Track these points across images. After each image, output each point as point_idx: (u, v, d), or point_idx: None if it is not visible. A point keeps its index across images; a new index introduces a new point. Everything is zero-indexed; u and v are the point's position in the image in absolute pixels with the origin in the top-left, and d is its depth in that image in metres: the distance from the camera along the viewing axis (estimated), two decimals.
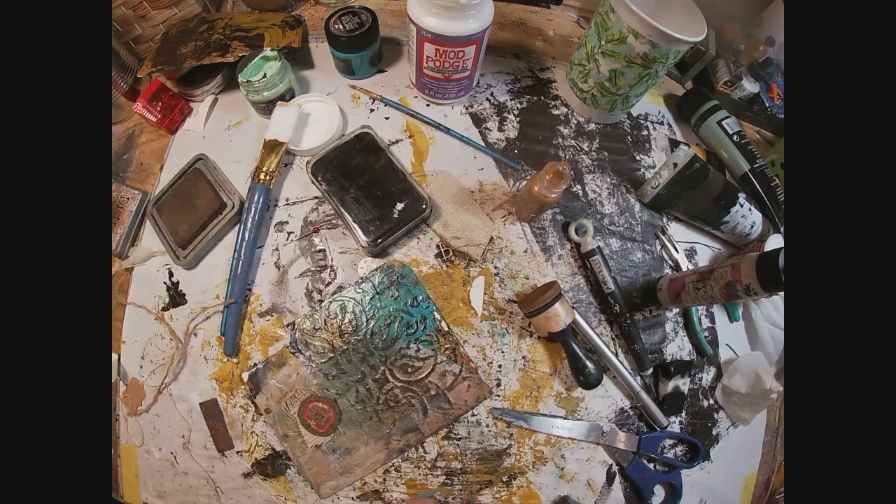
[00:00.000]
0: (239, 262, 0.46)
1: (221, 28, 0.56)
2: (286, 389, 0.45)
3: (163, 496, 0.45)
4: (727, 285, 0.41)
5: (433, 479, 0.45)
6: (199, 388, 0.46)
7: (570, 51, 0.60)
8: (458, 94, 0.54)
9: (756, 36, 0.59)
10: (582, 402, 0.47)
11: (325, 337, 0.46)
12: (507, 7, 0.65)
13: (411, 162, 0.53)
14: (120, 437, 0.46)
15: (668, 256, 0.53)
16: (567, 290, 0.50)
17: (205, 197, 0.49)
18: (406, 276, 0.48)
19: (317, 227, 0.50)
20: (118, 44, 0.54)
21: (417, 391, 0.45)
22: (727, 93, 0.60)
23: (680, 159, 0.48)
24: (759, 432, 0.51)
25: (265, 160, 0.49)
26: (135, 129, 0.56)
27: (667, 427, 0.47)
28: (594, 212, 0.53)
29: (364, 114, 0.55)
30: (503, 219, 0.51)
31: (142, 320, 0.48)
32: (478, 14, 0.44)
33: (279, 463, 0.45)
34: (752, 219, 0.51)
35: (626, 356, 0.49)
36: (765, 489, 0.50)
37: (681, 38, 0.42)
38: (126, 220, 0.50)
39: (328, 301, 0.47)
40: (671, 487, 0.47)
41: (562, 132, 0.56)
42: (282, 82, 0.51)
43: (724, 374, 0.50)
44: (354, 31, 0.51)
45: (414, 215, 0.47)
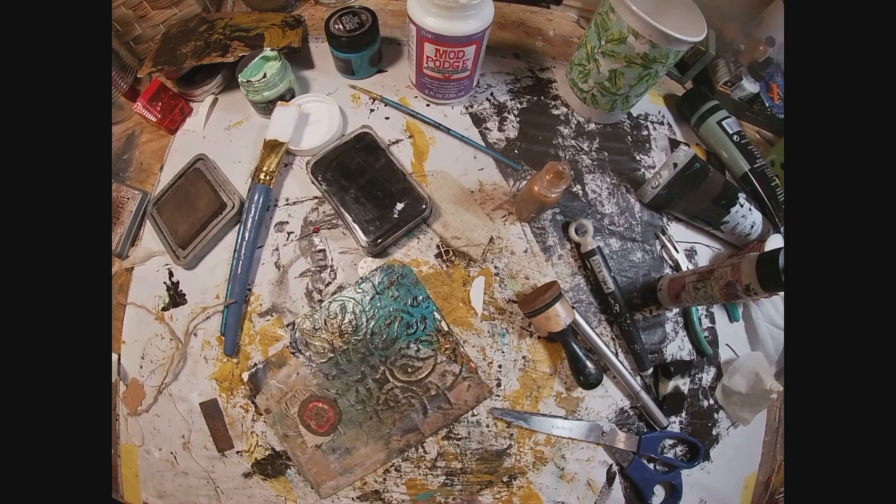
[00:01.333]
0: (239, 262, 0.46)
1: (221, 28, 0.56)
2: (286, 389, 0.45)
3: (163, 496, 0.45)
4: (727, 285, 0.41)
5: (433, 479, 0.45)
6: (199, 388, 0.46)
7: (570, 51, 0.60)
8: (458, 94, 0.54)
9: (756, 36, 0.59)
10: (582, 402, 0.47)
11: (325, 337, 0.46)
12: (507, 7, 0.65)
13: (411, 162, 0.53)
14: (120, 437, 0.46)
15: (668, 256, 0.53)
16: (567, 290, 0.50)
17: (205, 197, 0.49)
18: (406, 275, 0.48)
19: (317, 227, 0.50)
20: (118, 44, 0.54)
21: (417, 391, 0.45)
22: (727, 93, 0.60)
23: (680, 159, 0.48)
24: (759, 432, 0.51)
25: (265, 160, 0.49)
26: (135, 129, 0.56)
27: (667, 427, 0.47)
28: (594, 212, 0.53)
29: (364, 114, 0.55)
30: (503, 219, 0.51)
31: (142, 320, 0.48)
32: (478, 14, 0.44)
33: (279, 463, 0.45)
34: (752, 219, 0.51)
35: (626, 356, 0.49)
36: (765, 489, 0.50)
37: (681, 38, 0.42)
38: (126, 220, 0.50)
39: (328, 301, 0.47)
40: (671, 487, 0.47)
41: (562, 132, 0.56)
42: (282, 82, 0.51)
43: (724, 374, 0.50)
44: (354, 31, 0.51)
45: (414, 215, 0.47)
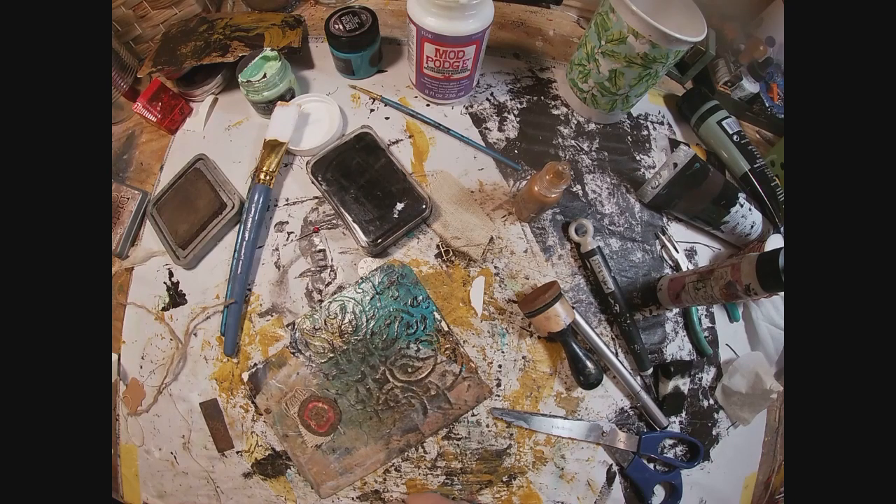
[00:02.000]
0: (239, 262, 0.46)
1: (221, 28, 0.56)
2: (286, 389, 0.45)
3: (163, 496, 0.45)
4: (727, 285, 0.41)
5: (433, 479, 0.45)
6: (199, 388, 0.46)
7: (570, 51, 0.60)
8: (458, 94, 0.54)
9: (756, 36, 0.59)
10: (582, 402, 0.47)
11: (325, 337, 0.46)
12: (507, 7, 0.65)
13: (411, 162, 0.53)
14: (120, 437, 0.46)
15: (668, 256, 0.53)
16: (567, 290, 0.50)
17: (205, 197, 0.49)
18: (406, 275, 0.47)
19: (317, 227, 0.50)
20: (118, 44, 0.54)
21: (417, 391, 0.45)
22: (727, 93, 0.60)
23: (680, 159, 0.48)
24: (759, 432, 0.51)
25: (265, 160, 0.49)
26: (135, 129, 0.56)
27: (667, 427, 0.47)
28: (594, 212, 0.53)
29: (364, 114, 0.55)
30: (503, 219, 0.51)
31: (142, 320, 0.48)
32: (478, 14, 0.44)
33: (279, 463, 0.45)
34: (752, 219, 0.51)
35: (626, 356, 0.49)
36: (765, 489, 0.50)
37: (681, 38, 0.42)
38: (126, 220, 0.50)
39: (328, 301, 0.47)
40: (671, 487, 0.47)
41: (562, 132, 0.56)
42: (282, 82, 0.51)
43: (724, 374, 0.50)
44: (354, 31, 0.51)
45: (414, 215, 0.47)
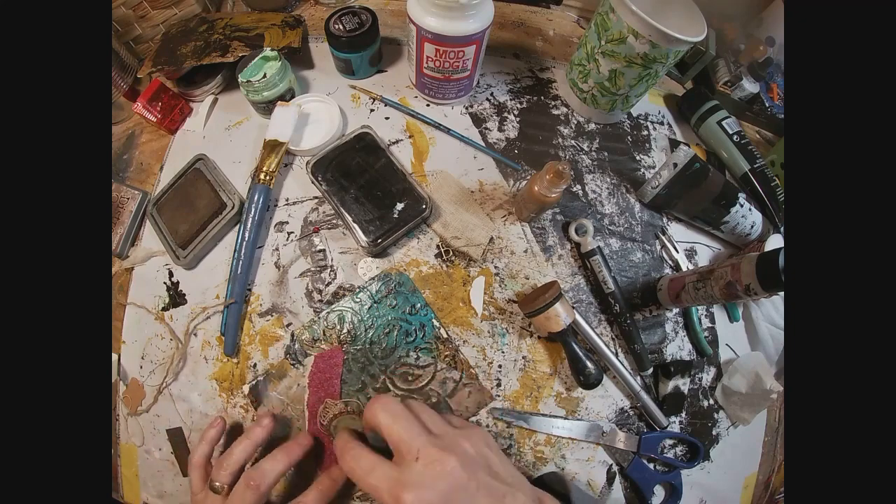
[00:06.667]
0: (239, 262, 0.46)
1: (221, 28, 0.56)
2: (287, 401, 0.45)
3: (163, 496, 0.45)
4: (727, 285, 0.41)
5: None
6: (199, 388, 0.46)
7: (570, 51, 0.60)
8: (458, 94, 0.54)
9: (756, 36, 0.59)
10: (582, 402, 0.47)
11: (324, 347, 0.46)
12: (507, 7, 0.65)
13: (411, 162, 0.53)
14: (120, 437, 0.46)
15: (668, 256, 0.53)
16: (567, 290, 0.50)
17: (205, 197, 0.49)
18: (403, 283, 0.47)
19: (317, 227, 0.50)
20: (118, 44, 0.54)
21: (419, 399, 0.45)
22: (727, 93, 0.60)
23: (680, 159, 0.48)
24: (759, 432, 0.51)
25: (265, 160, 0.49)
26: (135, 129, 0.56)
27: (667, 427, 0.47)
28: (594, 212, 0.53)
29: (364, 114, 0.55)
30: (503, 219, 0.51)
31: (142, 320, 0.48)
32: (478, 14, 0.44)
33: None
34: (752, 219, 0.51)
35: (626, 356, 0.49)
36: (765, 489, 0.50)
37: (681, 38, 0.42)
38: (126, 220, 0.50)
39: (326, 311, 0.46)
40: (671, 487, 0.47)
41: (562, 132, 0.56)
42: (282, 82, 0.51)
43: (724, 374, 0.50)
44: (354, 31, 0.51)
45: (414, 215, 0.47)
